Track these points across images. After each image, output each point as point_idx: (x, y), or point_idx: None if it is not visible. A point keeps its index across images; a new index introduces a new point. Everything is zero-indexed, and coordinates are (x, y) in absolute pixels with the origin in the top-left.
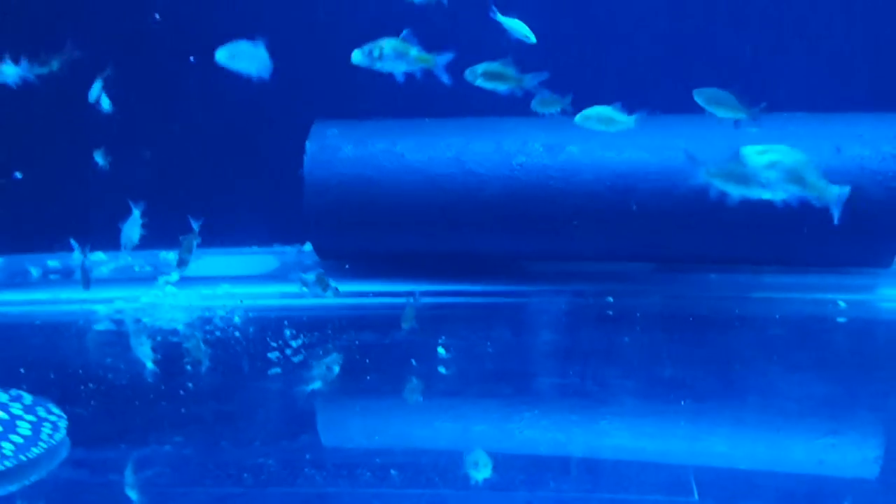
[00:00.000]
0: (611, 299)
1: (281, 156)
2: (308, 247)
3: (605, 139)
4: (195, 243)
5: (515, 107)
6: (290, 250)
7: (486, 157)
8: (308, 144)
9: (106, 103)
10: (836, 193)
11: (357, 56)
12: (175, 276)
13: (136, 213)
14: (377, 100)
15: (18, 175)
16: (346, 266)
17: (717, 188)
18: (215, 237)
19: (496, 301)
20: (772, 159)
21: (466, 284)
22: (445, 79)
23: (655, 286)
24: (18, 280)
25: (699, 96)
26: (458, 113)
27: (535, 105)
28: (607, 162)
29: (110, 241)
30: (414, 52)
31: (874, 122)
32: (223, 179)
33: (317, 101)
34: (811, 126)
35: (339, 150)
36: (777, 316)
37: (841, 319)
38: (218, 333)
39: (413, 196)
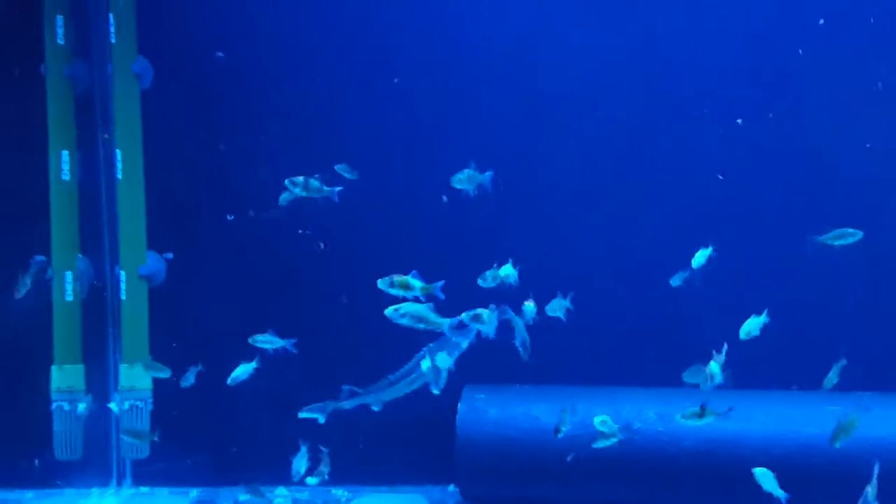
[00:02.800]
0: None
1: (435, 414)
2: (452, 488)
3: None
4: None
5: (631, 376)
6: (436, 490)
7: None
8: (460, 406)
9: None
10: None
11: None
12: None
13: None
14: (519, 368)
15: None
16: None
17: None
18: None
19: None
20: None
21: None
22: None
23: None
24: None
25: None
26: (585, 381)
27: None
28: (711, 430)
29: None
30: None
31: None
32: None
33: (465, 369)
34: None
35: (485, 412)
36: None
37: None
38: None
39: (546, 453)
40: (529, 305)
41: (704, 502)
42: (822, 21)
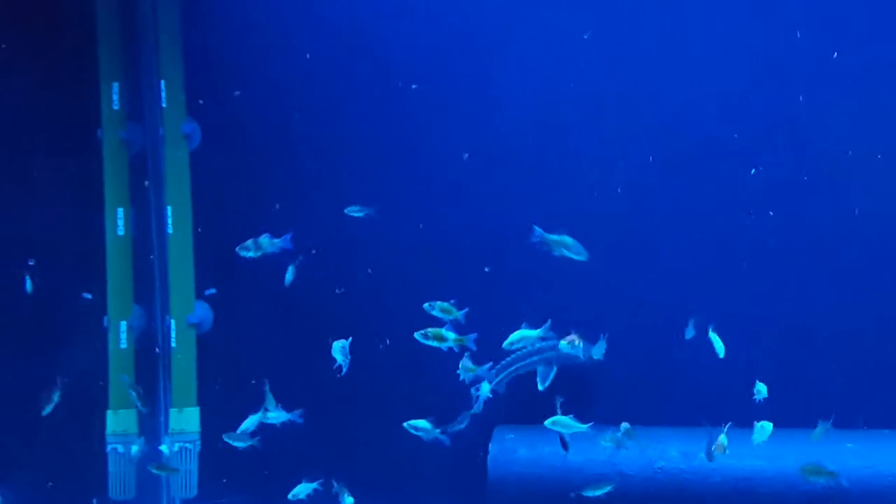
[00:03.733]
0: None
1: (466, 454)
2: None
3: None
4: None
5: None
6: None
7: (632, 460)
8: (491, 446)
9: None
10: None
11: None
12: None
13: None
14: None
15: None
16: None
17: None
18: None
19: None
20: None
21: None
22: None
23: None
24: None
25: None
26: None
27: None
28: (731, 468)
29: None
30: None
31: None
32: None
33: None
34: None
35: (515, 451)
36: None
37: None
38: None
39: (572, 489)
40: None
41: None
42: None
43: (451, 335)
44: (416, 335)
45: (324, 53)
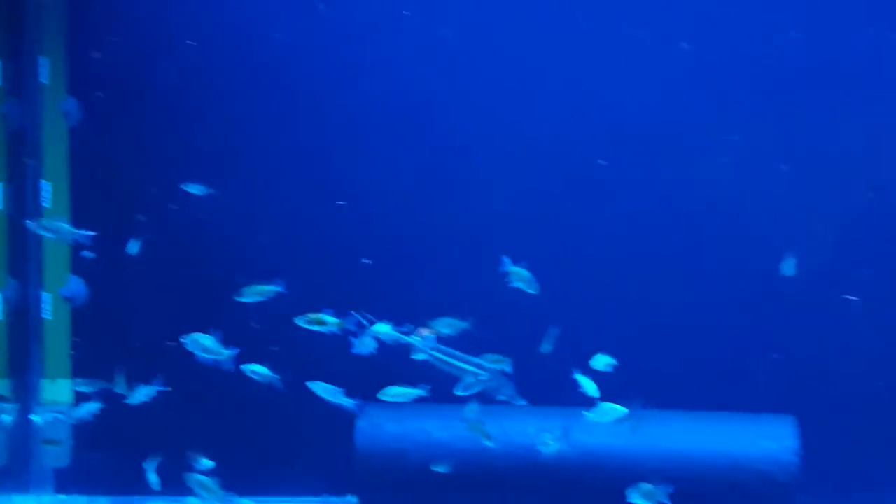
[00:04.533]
0: None
1: (334, 428)
2: (353, 499)
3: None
4: None
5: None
6: (337, 500)
7: (496, 435)
8: (358, 421)
9: None
10: None
11: None
12: None
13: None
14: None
15: None
16: None
17: None
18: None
19: None
20: None
21: None
22: None
23: None
24: None
25: None
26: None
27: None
28: (587, 444)
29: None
30: None
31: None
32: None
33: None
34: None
35: (382, 427)
36: None
37: None
38: None
39: (437, 464)
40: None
41: None
42: None
43: (332, 319)
44: (298, 320)
45: (207, 37)
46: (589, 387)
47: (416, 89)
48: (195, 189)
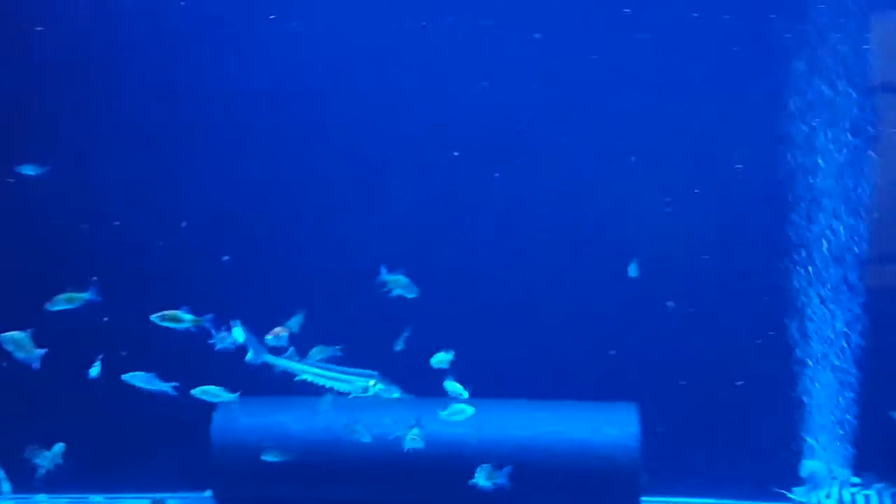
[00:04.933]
0: None
1: (192, 423)
2: (209, 493)
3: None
4: None
5: None
6: (192, 496)
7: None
8: (214, 415)
9: None
10: None
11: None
12: None
13: None
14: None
15: None
16: None
17: None
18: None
19: None
20: None
21: None
22: None
23: None
24: None
25: None
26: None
27: None
28: (439, 434)
29: None
30: None
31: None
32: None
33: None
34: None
35: (238, 420)
36: None
37: None
38: None
39: (293, 455)
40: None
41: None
42: None
43: (187, 316)
44: (153, 317)
45: (55, 23)
46: (455, 389)
47: (274, 90)
48: (29, 170)
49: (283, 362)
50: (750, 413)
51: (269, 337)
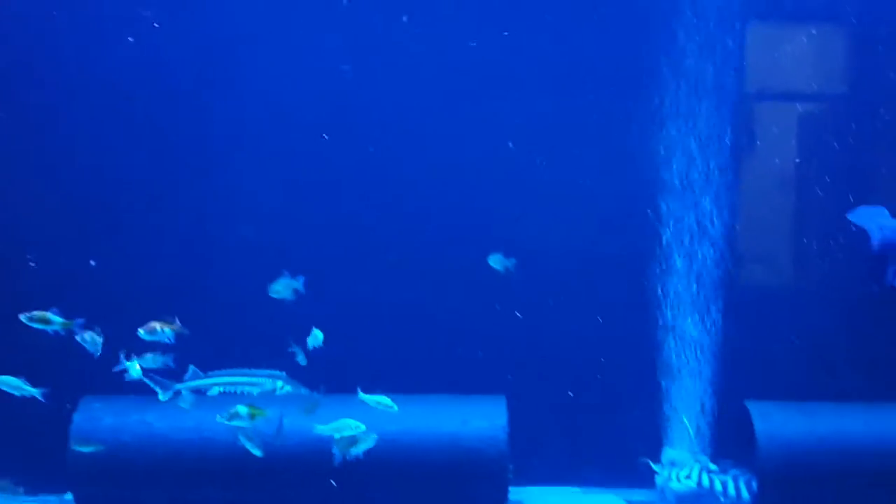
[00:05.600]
0: None
1: (53, 425)
2: (69, 496)
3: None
4: None
5: None
6: (53, 499)
7: (213, 424)
8: (75, 416)
9: None
10: None
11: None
12: None
13: None
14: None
15: None
16: None
17: None
18: None
19: None
20: None
21: None
22: None
23: None
24: None
25: None
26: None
27: None
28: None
29: None
30: None
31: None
32: None
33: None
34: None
35: (100, 420)
36: None
37: None
38: None
39: (158, 455)
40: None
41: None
42: None
43: (57, 319)
44: (22, 317)
45: None
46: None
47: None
48: None
49: (190, 385)
50: (614, 402)
51: (141, 331)
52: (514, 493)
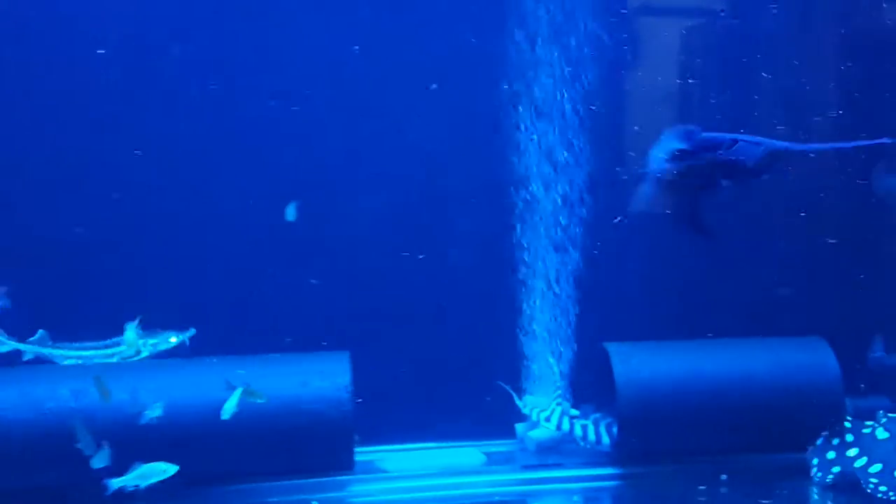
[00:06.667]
0: None
1: None
2: None
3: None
4: None
5: None
6: None
7: (13, 402)
8: None
9: None
10: None
11: None
12: None
13: None
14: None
15: None
16: None
17: None
18: None
19: None
20: None
21: None
22: None
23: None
24: None
25: None
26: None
27: None
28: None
29: None
30: None
31: None
32: None
33: None
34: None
35: None
36: None
37: None
38: None
39: None
40: None
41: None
42: None
43: None
44: None
45: None
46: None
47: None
48: None
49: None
50: (469, 352)
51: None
52: (366, 454)
